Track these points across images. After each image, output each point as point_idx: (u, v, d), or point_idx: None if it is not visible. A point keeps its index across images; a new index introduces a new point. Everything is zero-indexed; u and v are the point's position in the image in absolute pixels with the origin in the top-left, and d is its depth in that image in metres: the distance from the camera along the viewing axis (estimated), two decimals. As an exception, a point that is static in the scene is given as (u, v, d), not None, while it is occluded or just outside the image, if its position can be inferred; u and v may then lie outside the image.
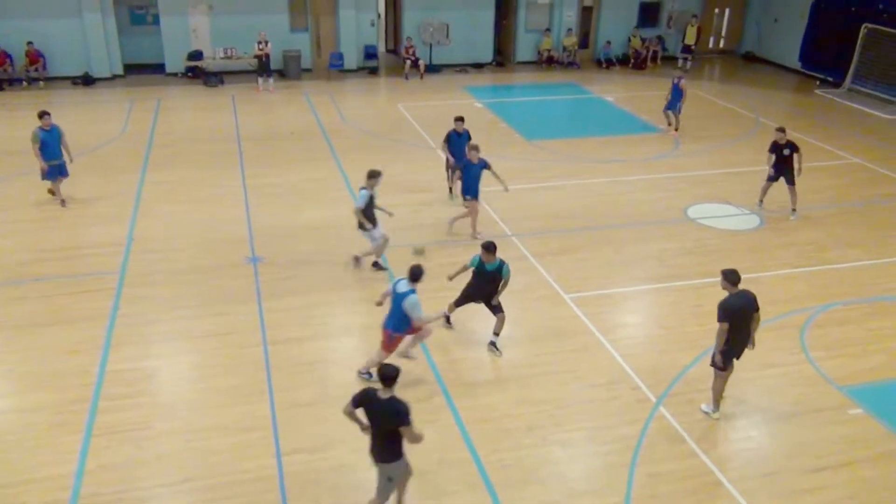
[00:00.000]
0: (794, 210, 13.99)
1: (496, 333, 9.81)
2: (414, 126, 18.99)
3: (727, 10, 27.71)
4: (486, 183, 12.72)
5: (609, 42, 26.18)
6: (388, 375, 6.48)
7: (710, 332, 9.03)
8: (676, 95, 18.19)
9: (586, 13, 26.43)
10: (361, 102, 21.48)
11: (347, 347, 10.06)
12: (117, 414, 8.50)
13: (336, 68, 23.92)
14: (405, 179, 15.43)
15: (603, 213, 13.98)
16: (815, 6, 24.75)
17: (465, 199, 12.67)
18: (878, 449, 8.31)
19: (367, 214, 11.21)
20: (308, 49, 24.10)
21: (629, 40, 26.43)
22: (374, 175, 11.15)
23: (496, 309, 9.74)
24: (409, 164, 16.32)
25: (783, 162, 13.66)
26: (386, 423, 6.51)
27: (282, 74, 23.22)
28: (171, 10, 22.52)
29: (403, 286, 8.70)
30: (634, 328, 10.67)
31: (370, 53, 24.64)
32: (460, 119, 14.04)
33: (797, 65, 25.74)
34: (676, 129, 18.56)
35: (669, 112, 18.52)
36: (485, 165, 12.59)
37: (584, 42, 26.63)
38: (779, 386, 9.36)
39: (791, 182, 13.77)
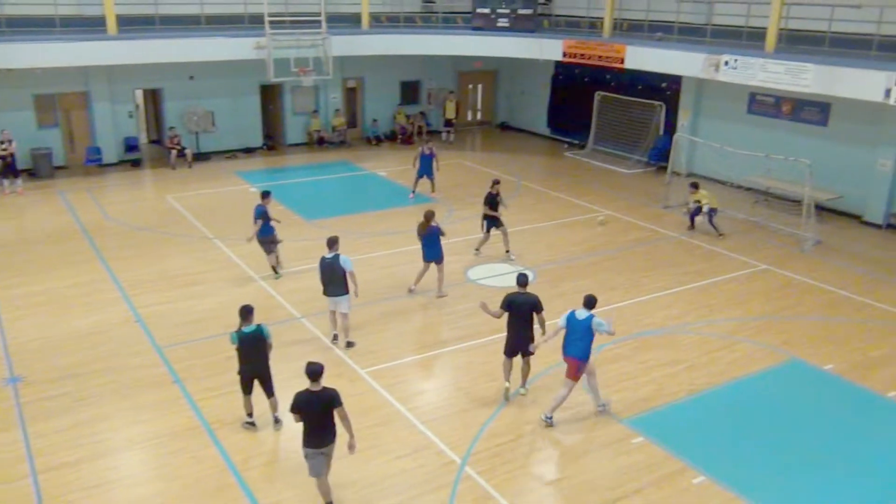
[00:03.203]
0: (508, 251, 15.74)
1: (277, 420, 9.76)
2: (186, 216, 18.23)
3: (479, 86, 30.00)
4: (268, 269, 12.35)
5: (376, 120, 27.18)
6: (317, 371, 7.68)
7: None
8: (428, 162, 19.73)
9: (351, 94, 27.27)
10: (126, 197, 20.26)
11: (132, 462, 9.20)
12: None
13: (94, 163, 22.41)
14: (181, 273, 14.70)
15: (386, 285, 14.21)
16: (555, 78, 27.58)
17: None
18: (662, 471, 9.06)
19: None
20: (60, 145, 22.43)
21: (394, 117, 27.63)
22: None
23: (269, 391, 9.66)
24: (183, 257, 15.58)
25: (496, 209, 15.58)
26: (324, 409, 7.69)
27: (31, 174, 21.35)
28: None
29: (582, 313, 9.45)
30: (432, 393, 10.84)
31: (131, 145, 23.42)
32: (267, 193, 14.48)
33: (547, 131, 28.35)
34: (434, 191, 20.10)
35: (426, 178, 19.91)
36: None
37: (352, 121, 27.40)
38: (570, 428, 9.93)
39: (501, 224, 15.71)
